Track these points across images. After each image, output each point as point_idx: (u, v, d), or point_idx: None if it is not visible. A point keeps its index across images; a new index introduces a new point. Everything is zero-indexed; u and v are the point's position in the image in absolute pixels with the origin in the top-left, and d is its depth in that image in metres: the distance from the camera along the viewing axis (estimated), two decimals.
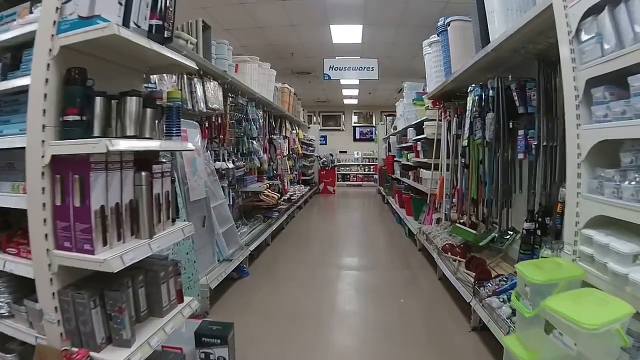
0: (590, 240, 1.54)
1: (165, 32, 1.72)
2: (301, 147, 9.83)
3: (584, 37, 1.67)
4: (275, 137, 6.83)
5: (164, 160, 1.75)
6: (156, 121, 1.75)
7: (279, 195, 5.64)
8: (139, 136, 1.54)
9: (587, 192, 1.60)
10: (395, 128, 8.20)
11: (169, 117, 1.78)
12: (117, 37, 1.39)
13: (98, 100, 1.51)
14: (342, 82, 11.16)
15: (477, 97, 3.25)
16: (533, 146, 2.76)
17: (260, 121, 5.57)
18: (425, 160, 4.85)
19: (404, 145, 6.75)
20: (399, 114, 7.54)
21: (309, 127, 11.51)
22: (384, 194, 9.72)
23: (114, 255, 1.37)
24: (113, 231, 1.46)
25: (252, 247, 4.25)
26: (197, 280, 3.01)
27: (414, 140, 5.60)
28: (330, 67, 7.31)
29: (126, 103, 1.50)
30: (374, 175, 13.77)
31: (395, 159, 7.91)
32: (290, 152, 8.48)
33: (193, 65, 1.86)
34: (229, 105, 4.46)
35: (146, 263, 1.72)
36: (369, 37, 7.15)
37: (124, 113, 1.50)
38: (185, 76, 3.37)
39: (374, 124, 15.71)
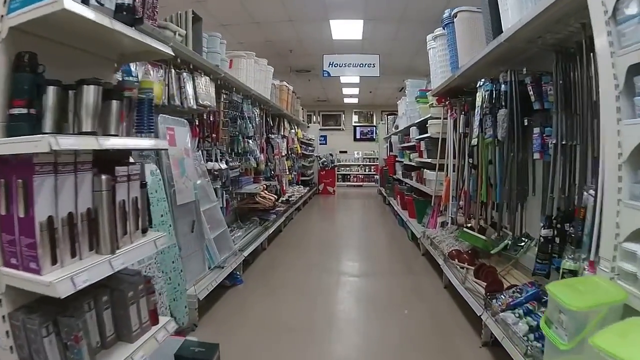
0: (634, 255, 1.30)
1: (137, 13, 1.48)
2: (300, 146, 9.59)
3: (622, 17, 1.42)
4: (272, 136, 6.59)
5: (133, 161, 1.50)
6: (124, 115, 1.51)
7: (276, 197, 5.40)
8: (97, 133, 1.29)
9: (629, 198, 1.36)
10: (396, 127, 7.96)
11: (140, 111, 1.54)
12: (68, 13, 1.15)
13: (50, 90, 1.27)
14: (342, 80, 10.94)
15: (487, 93, 3.01)
16: (550, 145, 2.52)
17: (257, 120, 5.33)
18: (429, 160, 4.61)
19: (406, 144, 6.51)
20: (401, 113, 7.30)
21: (308, 127, 11.27)
22: (385, 194, 9.48)
23: (62, 277, 1.13)
24: (65, 246, 1.22)
25: (246, 253, 4.01)
26: (184, 291, 2.77)
27: (417, 139, 5.36)
28: (329, 64, 7.05)
29: (82, 93, 1.26)
30: (375, 176, 13.53)
31: (397, 159, 7.67)
32: (289, 152, 8.24)
33: (169, 51, 1.62)
34: (223, 103, 4.22)
35: (113, 280, 1.48)
36: (369, 33, 6.90)
37: (80, 105, 1.26)
38: (173, 70, 3.13)
39: (374, 124, 15.51)
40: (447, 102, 4.12)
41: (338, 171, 14.44)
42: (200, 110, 3.52)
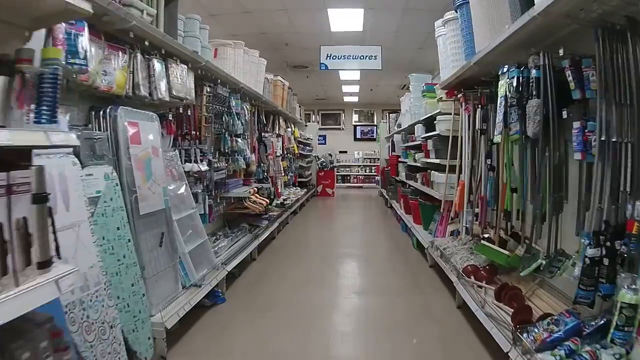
0: None
1: None
2: (297, 146, 9.10)
3: None
4: (266, 135, 6.11)
5: (26, 164, 1.02)
6: (24, 98, 1.03)
7: (268, 201, 4.92)
8: None
9: None
10: (399, 126, 7.47)
11: (42, 92, 1.06)
12: None
13: None
14: (342, 77, 10.47)
15: (513, 81, 2.53)
16: (594, 143, 2.05)
17: (247, 116, 4.85)
18: (437, 161, 4.13)
19: (410, 144, 6.03)
20: (404, 110, 6.82)
21: (306, 126, 10.78)
22: (386, 197, 9.00)
23: None
24: None
25: (231, 266, 3.53)
26: (147, 318, 2.29)
27: (422, 138, 4.88)
28: (327, 56, 6.54)
29: None
30: (376, 177, 13.05)
31: (399, 159, 7.18)
32: (285, 152, 7.76)
33: (87, 8, 1.14)
34: (206, 96, 3.74)
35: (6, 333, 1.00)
36: (370, 24, 6.42)
37: None
38: (139, 55, 2.65)
39: (375, 123, 15.08)
40: (459, 96, 3.64)
41: (337, 172, 13.97)
42: (176, 103, 3.04)
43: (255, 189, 4.85)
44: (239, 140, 4.47)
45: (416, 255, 4.73)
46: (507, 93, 2.56)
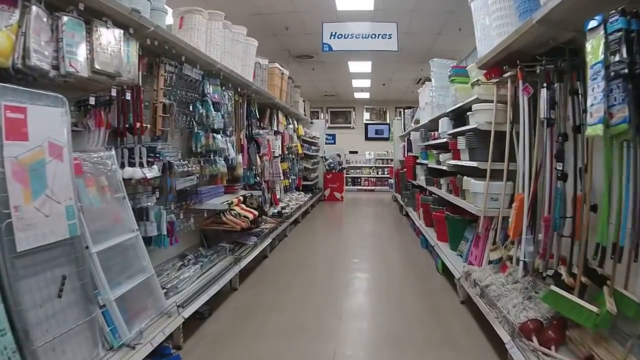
0: None
1: None
2: (301, 146, 8.20)
3: None
4: (260, 132, 5.21)
5: None
6: None
7: (257, 212, 4.00)
8: None
9: None
10: (417, 122, 6.48)
11: None
12: None
13: None
14: (352, 69, 9.53)
15: (613, 37, 1.58)
16: None
17: (230, 108, 3.95)
18: (473, 164, 3.16)
19: (431, 142, 5.05)
20: (423, 103, 5.83)
21: (312, 123, 9.82)
22: (401, 203, 8.01)
23: None
24: None
25: (194, 307, 2.62)
26: None
27: (450, 135, 3.90)
28: (332, 35, 5.54)
29: None
30: (389, 180, 12.05)
31: (417, 160, 6.19)
32: (286, 152, 6.85)
33: None
34: (165, 77, 2.85)
35: None
36: (383, 1, 5.46)
37: None
38: (35, 9, 1.77)
39: (388, 121, 14.15)
40: (507, 74, 2.66)
41: (347, 174, 13.05)
42: (103, 82, 2.15)
43: (241, 197, 3.95)
44: (219, 137, 3.57)
45: (442, 283, 3.76)
46: (605, 56, 1.61)
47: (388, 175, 13.07)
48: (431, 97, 5.01)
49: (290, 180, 7.26)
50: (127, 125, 2.51)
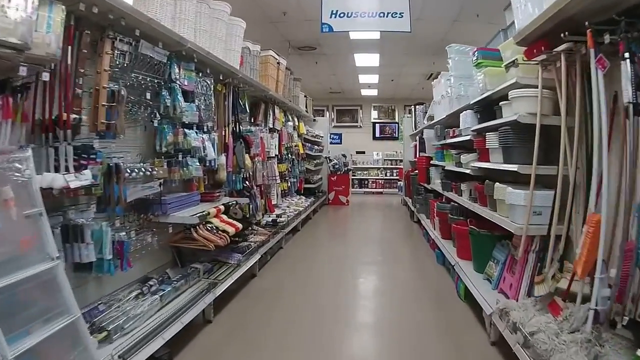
0: None
1: None
2: (303, 145, 7.56)
3: None
4: (252, 128, 4.59)
5: None
6: None
7: (240, 226, 3.36)
8: None
9: None
10: (430, 118, 5.81)
11: None
12: None
13: None
14: (358, 62, 8.90)
15: None
16: None
17: (210, 99, 3.33)
18: (507, 167, 2.50)
19: (449, 141, 4.37)
20: (438, 97, 5.16)
21: (314, 120, 9.15)
22: (412, 208, 7.34)
23: None
24: None
25: (141, 357, 1.99)
26: None
27: (475, 131, 3.23)
28: (332, 14, 4.83)
29: None
30: (398, 182, 11.37)
31: (431, 162, 5.52)
32: (285, 152, 6.23)
33: None
34: (110, 55, 2.24)
35: None
36: None
37: None
38: None
39: (396, 120, 13.52)
40: (563, 46, 1.99)
41: (353, 175, 12.41)
42: (5, 56, 1.53)
43: (222, 207, 3.32)
44: (191, 133, 2.95)
45: (465, 314, 3.09)
46: None
47: (397, 177, 12.38)
48: (449, 88, 4.34)
49: (289, 184, 6.62)
50: (52, 118, 1.90)
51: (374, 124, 13.76)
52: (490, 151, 2.88)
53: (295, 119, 7.01)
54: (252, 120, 5.04)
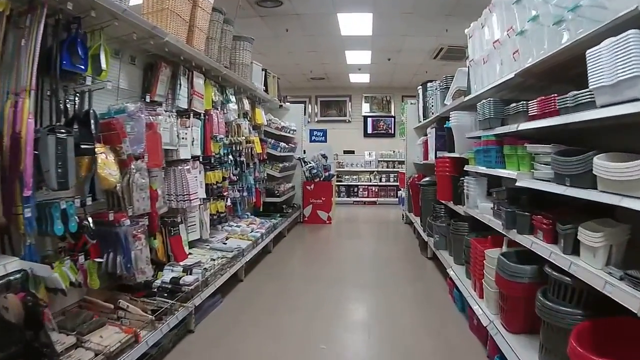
0: None
1: None
2: (262, 141, 5.33)
3: None
4: (130, 106, 2.38)
5: None
6: None
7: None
8: None
9: None
10: (460, 93, 3.62)
11: None
12: None
13: None
14: (344, 29, 6.78)
15: None
16: None
17: None
18: None
19: (523, 128, 2.20)
20: (477, 57, 3.01)
21: (280, 106, 6.81)
22: (423, 235, 5.16)
23: None
24: None
25: None
26: None
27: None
28: None
29: None
30: (398, 189, 9.22)
31: (467, 167, 3.32)
32: (223, 152, 4.02)
33: None
34: None
35: None
36: None
37: None
38: None
39: (392, 114, 11.66)
40: None
41: (339, 181, 10.27)
42: None
43: None
44: None
45: None
46: None
47: (396, 184, 10.22)
48: (503, 42, 2.17)
49: (233, 201, 4.37)
50: None
51: (366, 117, 11.71)
52: None
53: (246, 102, 4.77)
54: (146, 95, 2.86)
